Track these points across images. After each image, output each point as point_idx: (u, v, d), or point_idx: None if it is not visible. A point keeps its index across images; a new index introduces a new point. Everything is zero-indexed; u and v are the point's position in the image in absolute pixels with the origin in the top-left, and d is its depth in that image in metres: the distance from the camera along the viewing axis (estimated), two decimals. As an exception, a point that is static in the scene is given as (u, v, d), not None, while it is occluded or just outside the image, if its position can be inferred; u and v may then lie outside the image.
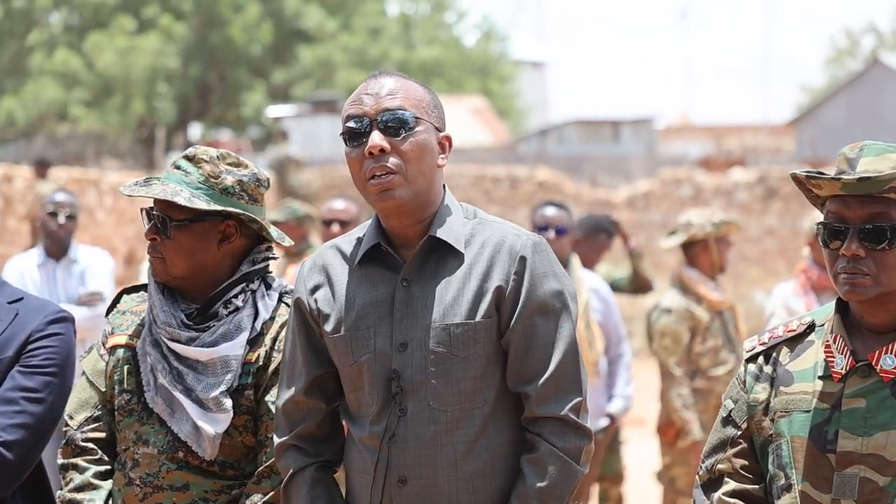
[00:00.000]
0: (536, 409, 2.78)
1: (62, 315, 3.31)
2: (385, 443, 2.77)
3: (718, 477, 2.81)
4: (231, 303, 3.16)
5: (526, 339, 2.79)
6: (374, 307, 2.81)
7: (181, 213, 3.14)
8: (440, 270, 2.81)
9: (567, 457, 2.77)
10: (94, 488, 3.15)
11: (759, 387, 2.79)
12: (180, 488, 3.11)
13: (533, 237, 2.85)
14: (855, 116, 32.46)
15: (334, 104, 29.28)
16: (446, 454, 2.76)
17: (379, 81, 2.83)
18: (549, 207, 6.47)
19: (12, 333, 3.23)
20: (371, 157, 2.76)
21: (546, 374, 2.78)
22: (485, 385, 2.79)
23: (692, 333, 6.58)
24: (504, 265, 2.79)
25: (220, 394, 3.08)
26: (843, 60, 50.68)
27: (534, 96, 52.34)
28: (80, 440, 3.18)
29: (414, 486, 2.76)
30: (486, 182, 20.68)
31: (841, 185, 2.62)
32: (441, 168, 2.84)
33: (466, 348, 2.77)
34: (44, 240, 7.26)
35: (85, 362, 3.25)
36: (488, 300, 2.77)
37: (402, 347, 2.78)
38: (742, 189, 19.90)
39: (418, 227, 2.82)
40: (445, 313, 2.77)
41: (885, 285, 2.63)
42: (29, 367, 3.21)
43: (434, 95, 2.88)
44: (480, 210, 2.93)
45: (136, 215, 17.40)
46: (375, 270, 2.84)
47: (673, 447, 6.63)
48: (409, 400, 2.77)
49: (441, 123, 2.86)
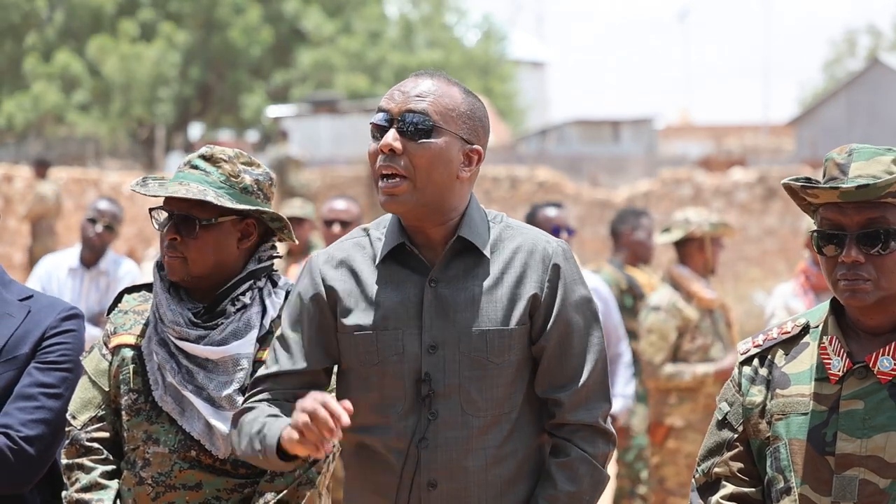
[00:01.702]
0: (568, 415, 2.78)
1: (74, 312, 3.37)
2: (414, 445, 2.74)
3: (715, 480, 2.81)
4: (239, 300, 3.17)
5: (560, 347, 2.78)
6: (401, 307, 2.76)
7: (208, 212, 3.15)
8: (468, 273, 2.78)
9: (597, 462, 2.78)
10: (101, 488, 3.14)
11: (755, 389, 2.78)
12: (193, 487, 3.11)
13: (562, 244, 2.84)
14: (855, 116, 32.47)
15: (334, 104, 29.28)
16: (477, 459, 2.74)
17: (416, 80, 2.79)
18: (552, 209, 6.45)
19: (26, 331, 3.28)
20: (384, 154, 2.74)
21: (580, 381, 2.78)
22: (514, 391, 2.78)
23: (680, 331, 6.56)
24: (538, 272, 2.78)
25: (233, 392, 3.09)
26: (843, 61, 50.68)
27: (534, 96, 52.34)
28: (85, 440, 3.18)
29: (444, 491, 2.74)
30: (486, 182, 20.69)
31: (839, 194, 2.61)
32: (462, 180, 2.78)
33: (502, 354, 2.75)
34: (82, 245, 7.23)
35: (86, 362, 3.25)
36: (523, 307, 2.76)
37: (431, 350, 2.74)
38: (742, 189, 19.90)
39: (441, 230, 2.79)
40: (480, 318, 2.75)
41: (885, 289, 2.63)
42: (45, 363, 3.27)
43: (475, 106, 2.81)
44: (506, 215, 2.90)
45: (136, 215, 17.40)
46: (399, 270, 2.79)
47: (662, 447, 6.63)
48: (441, 403, 2.74)
49: (472, 135, 2.79)
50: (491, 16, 44.58)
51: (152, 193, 3.13)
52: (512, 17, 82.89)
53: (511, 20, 62.47)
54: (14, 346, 3.26)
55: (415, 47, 36.76)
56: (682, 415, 6.57)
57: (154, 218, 3.21)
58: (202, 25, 32.23)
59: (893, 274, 2.62)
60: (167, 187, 3.14)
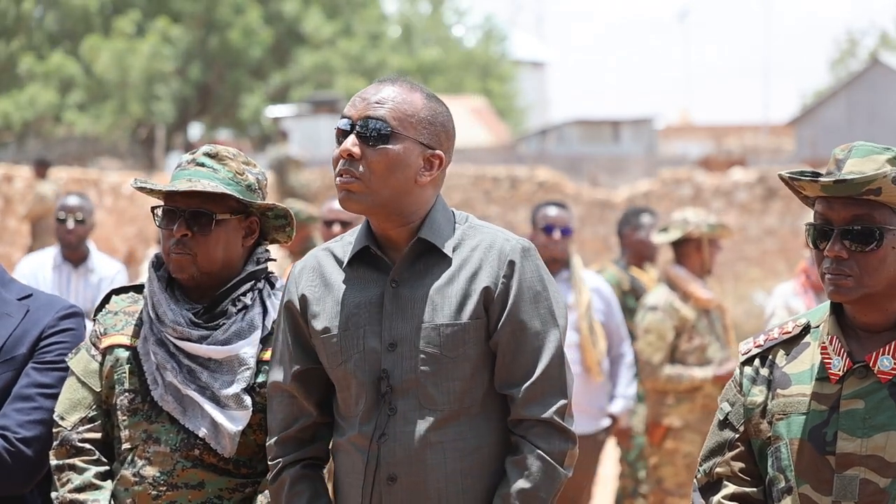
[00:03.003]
0: (522, 410, 2.80)
1: (73, 310, 3.35)
2: (375, 441, 2.80)
3: (717, 480, 2.81)
4: (240, 300, 3.18)
5: (514, 342, 2.82)
6: (364, 308, 2.84)
7: (221, 208, 3.16)
8: (428, 272, 2.84)
9: (551, 459, 2.79)
10: (96, 488, 3.12)
11: (756, 389, 2.78)
12: (195, 486, 3.11)
13: (523, 242, 2.88)
14: (855, 116, 32.49)
15: (334, 104, 29.29)
16: (435, 453, 2.78)
17: (378, 87, 2.86)
18: (552, 207, 6.46)
19: (24, 330, 3.26)
20: (343, 159, 2.81)
21: (533, 377, 2.81)
22: (474, 385, 2.81)
23: (678, 331, 6.56)
24: (493, 267, 2.82)
25: (241, 391, 3.10)
26: (846, 61, 50.69)
27: (534, 96, 52.35)
28: (76, 440, 3.16)
29: (403, 484, 2.78)
30: (486, 182, 20.69)
31: (820, 187, 2.64)
32: (422, 184, 2.84)
33: (456, 348, 2.80)
34: (59, 244, 7.22)
35: (73, 363, 3.22)
36: (475, 300, 2.80)
37: (391, 347, 2.81)
38: (742, 189, 19.90)
39: (404, 231, 2.86)
40: (434, 313, 2.80)
41: (868, 287, 2.64)
42: (43, 363, 3.25)
43: (436, 111, 2.86)
44: (473, 216, 2.95)
45: (137, 215, 17.40)
46: (365, 272, 2.87)
47: (660, 447, 6.62)
48: (399, 399, 2.80)
49: (433, 140, 2.85)
50: (492, 16, 44.57)
51: (178, 188, 3.11)
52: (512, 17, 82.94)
53: (511, 20, 62.53)
54: (12, 347, 3.25)
55: (414, 49, 36.75)
56: (680, 415, 6.57)
57: (158, 216, 3.21)
58: (202, 25, 32.21)
59: (877, 272, 2.63)
60: (191, 181, 3.14)
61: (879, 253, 2.63)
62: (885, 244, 2.62)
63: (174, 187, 3.13)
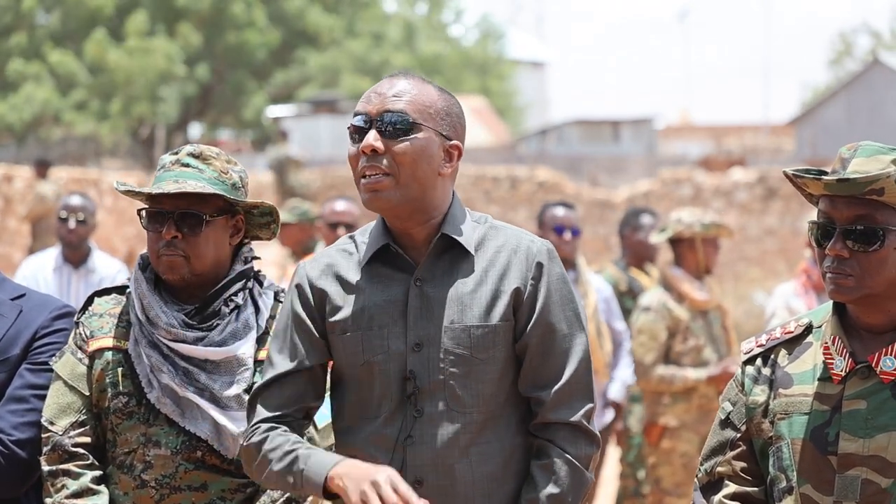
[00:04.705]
0: (549, 414, 2.78)
1: (67, 310, 3.32)
2: (400, 443, 2.75)
3: (718, 479, 2.81)
4: (232, 300, 3.17)
5: (542, 345, 2.79)
6: (386, 307, 2.78)
7: (210, 208, 3.15)
8: (453, 271, 2.80)
9: (579, 464, 2.78)
10: (93, 493, 3.09)
11: (758, 389, 2.78)
12: (198, 488, 3.10)
13: (546, 243, 2.86)
14: (855, 116, 32.49)
15: (335, 104, 29.30)
16: (462, 456, 2.75)
17: (391, 82, 2.82)
18: (560, 208, 6.47)
19: (18, 331, 3.24)
20: (365, 156, 2.76)
21: (561, 380, 2.79)
22: (500, 388, 2.79)
23: (671, 332, 6.54)
24: (521, 269, 2.80)
25: (241, 392, 3.09)
26: (844, 61, 50.71)
27: (533, 96, 52.35)
28: (69, 445, 3.11)
29: (431, 488, 2.74)
30: (486, 182, 20.69)
31: (823, 186, 2.64)
32: (444, 176, 2.81)
33: (486, 350, 2.77)
34: (60, 244, 7.21)
35: (59, 367, 3.17)
36: (505, 302, 2.78)
37: (416, 347, 2.76)
38: (742, 189, 19.90)
39: (424, 229, 2.81)
40: (463, 314, 2.76)
41: (868, 287, 2.64)
42: (37, 364, 3.23)
43: (450, 102, 2.84)
44: (491, 217, 2.92)
45: (136, 215, 17.40)
46: (385, 271, 2.82)
47: (657, 447, 6.62)
48: (426, 401, 2.75)
49: (451, 131, 2.82)
50: (489, 15, 44.59)
51: (166, 190, 3.10)
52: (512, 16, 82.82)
53: (511, 20, 62.43)
54: (6, 347, 3.21)
55: (416, 48, 36.75)
56: (677, 415, 6.56)
57: (144, 217, 3.19)
58: (209, 25, 32.13)
59: (878, 272, 2.63)
60: (178, 182, 3.12)
61: (881, 253, 2.63)
62: (887, 245, 2.62)
63: (161, 189, 3.11)
